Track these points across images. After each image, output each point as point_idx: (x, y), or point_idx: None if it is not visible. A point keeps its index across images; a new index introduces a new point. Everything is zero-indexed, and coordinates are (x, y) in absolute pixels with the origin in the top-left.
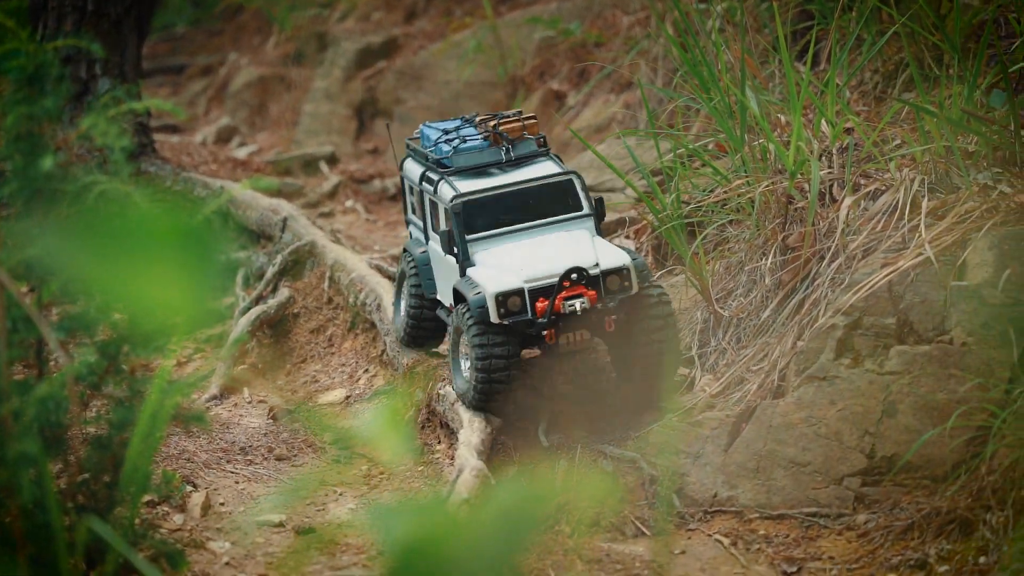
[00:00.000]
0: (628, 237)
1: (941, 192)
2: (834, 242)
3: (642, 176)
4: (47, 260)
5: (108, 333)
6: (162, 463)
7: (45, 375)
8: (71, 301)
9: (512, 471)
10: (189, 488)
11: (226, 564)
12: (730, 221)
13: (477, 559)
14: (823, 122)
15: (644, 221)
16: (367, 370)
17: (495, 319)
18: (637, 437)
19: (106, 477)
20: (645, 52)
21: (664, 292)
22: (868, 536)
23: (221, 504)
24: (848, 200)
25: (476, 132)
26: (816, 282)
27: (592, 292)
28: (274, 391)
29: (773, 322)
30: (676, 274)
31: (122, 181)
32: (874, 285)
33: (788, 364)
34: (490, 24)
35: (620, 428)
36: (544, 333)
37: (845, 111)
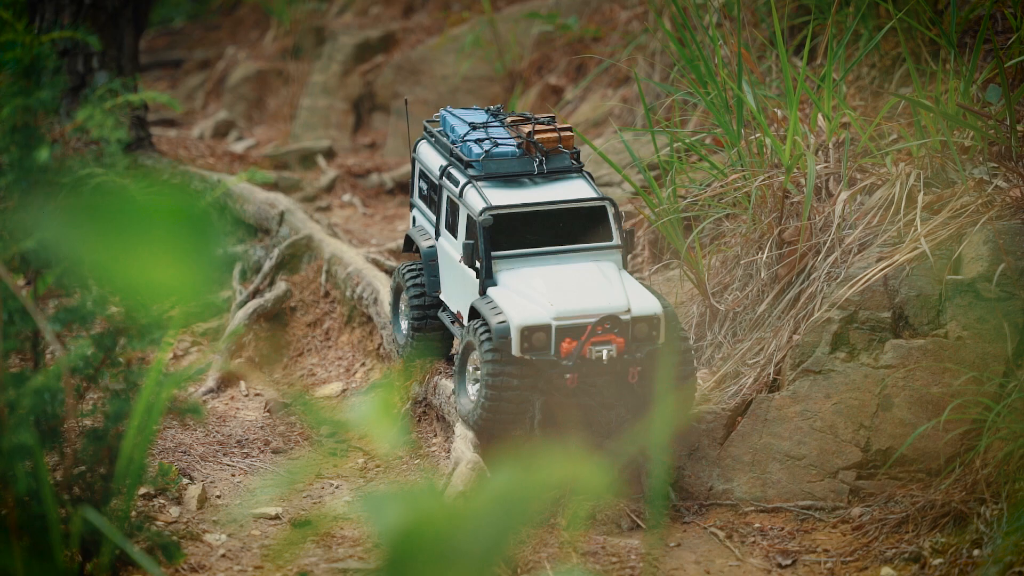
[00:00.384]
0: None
1: (937, 187)
2: (830, 236)
3: (639, 171)
4: (43, 251)
5: (105, 325)
6: (158, 456)
7: (41, 367)
8: (67, 293)
9: (507, 462)
10: (185, 481)
11: (222, 556)
12: (726, 215)
13: (471, 548)
14: (819, 117)
15: (641, 215)
16: (364, 364)
17: (517, 352)
18: (633, 431)
19: (102, 469)
20: (642, 47)
21: (690, 346)
22: (863, 529)
23: (217, 497)
24: (844, 194)
25: (507, 133)
26: (812, 276)
27: (621, 340)
28: (271, 384)
29: (769, 316)
30: (672, 268)
31: (118, 174)
32: (870, 279)
33: (784, 358)
34: (488, 19)
35: (616, 421)
36: (567, 376)
37: (841, 106)
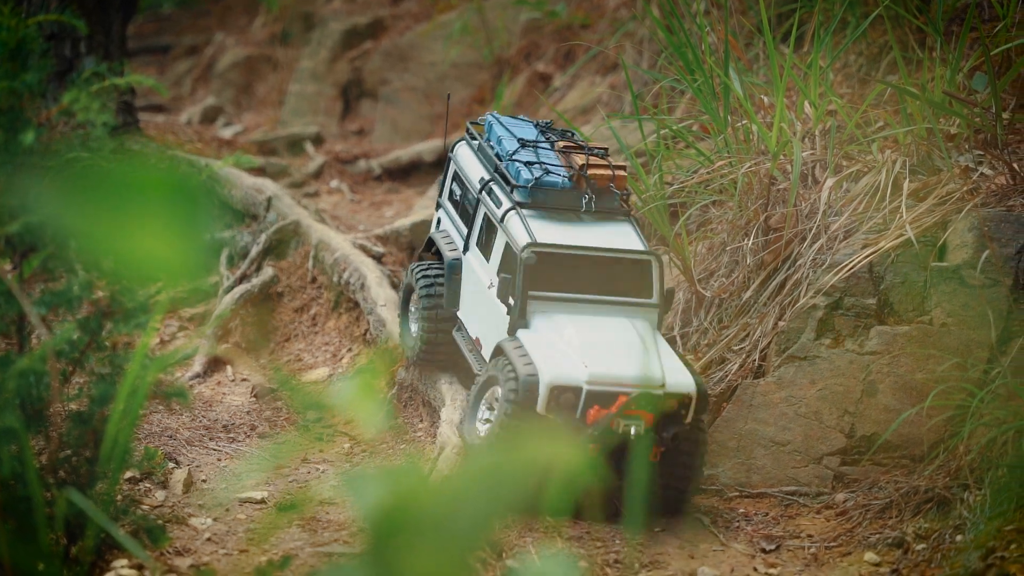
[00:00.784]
0: None
1: (923, 174)
2: (816, 223)
3: (626, 157)
4: (29, 234)
5: (91, 309)
6: (145, 440)
7: (26, 350)
8: (53, 277)
9: (490, 444)
10: (171, 465)
11: (207, 540)
12: (713, 202)
13: (455, 528)
14: (806, 104)
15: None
16: (350, 349)
17: (541, 410)
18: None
19: (87, 452)
20: (631, 34)
21: (704, 425)
22: (847, 514)
23: (203, 481)
24: (830, 181)
25: (557, 159)
26: (797, 263)
27: (650, 416)
28: (257, 370)
29: (754, 302)
30: (659, 254)
31: (104, 158)
32: (855, 266)
33: (769, 344)
34: (476, 5)
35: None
36: (590, 447)
37: (828, 93)
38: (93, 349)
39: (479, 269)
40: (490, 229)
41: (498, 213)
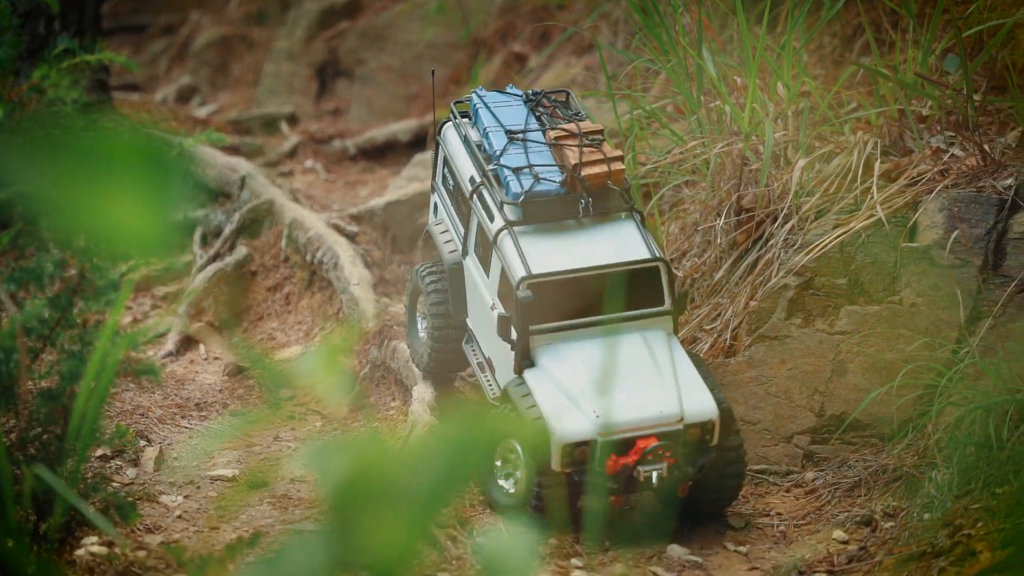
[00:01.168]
0: None
1: (894, 155)
2: (787, 203)
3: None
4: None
5: (61, 286)
6: (116, 418)
7: None
8: (22, 255)
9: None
10: (143, 443)
11: (178, 517)
12: (685, 182)
13: (416, 494)
14: (779, 85)
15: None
16: (323, 328)
17: (556, 467)
18: None
19: (56, 429)
20: (606, 15)
21: (741, 445)
22: (816, 493)
23: (175, 459)
24: (802, 162)
25: (549, 154)
26: (769, 243)
27: (672, 459)
28: (230, 348)
29: (726, 282)
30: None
31: (75, 135)
32: (826, 246)
33: (740, 324)
34: None
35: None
36: (611, 499)
37: (801, 74)
38: (63, 326)
39: (481, 283)
40: (485, 241)
41: (491, 230)
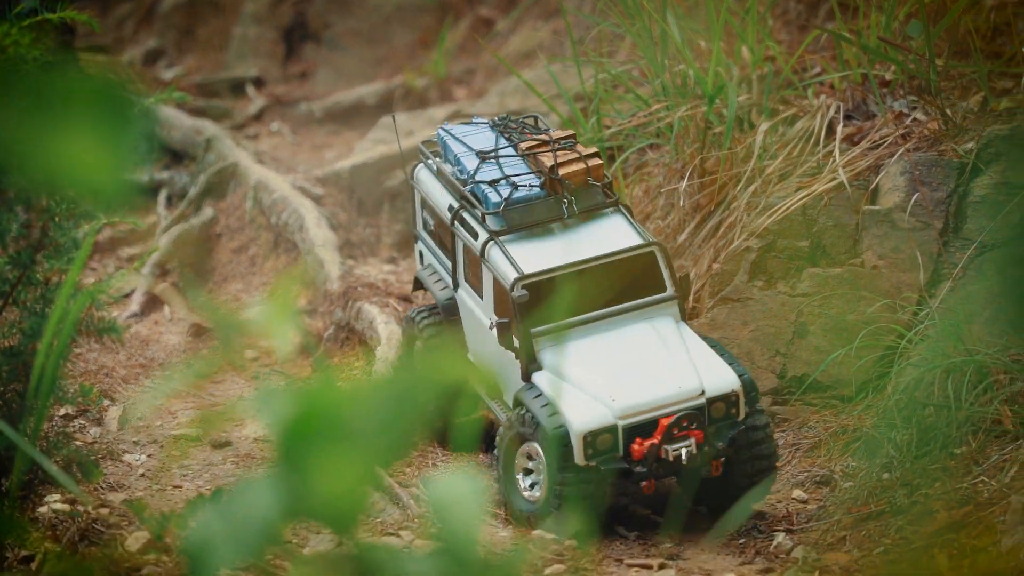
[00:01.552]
0: None
1: (857, 119)
2: (751, 166)
3: (565, 101)
4: None
5: (22, 243)
6: (80, 377)
7: None
8: None
9: (411, 360)
10: (107, 402)
11: (141, 476)
12: (649, 145)
13: (364, 437)
14: (743, 49)
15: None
16: (289, 290)
17: (580, 461)
18: None
19: (18, 386)
20: None
21: (769, 420)
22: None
23: (139, 418)
24: (765, 125)
25: (523, 163)
26: (732, 205)
27: (699, 432)
28: (193, 307)
29: (689, 244)
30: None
31: (36, 88)
32: (788, 209)
33: (703, 286)
34: None
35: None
36: (643, 484)
37: (765, 39)
38: (25, 284)
39: (476, 308)
40: (474, 263)
41: (477, 247)
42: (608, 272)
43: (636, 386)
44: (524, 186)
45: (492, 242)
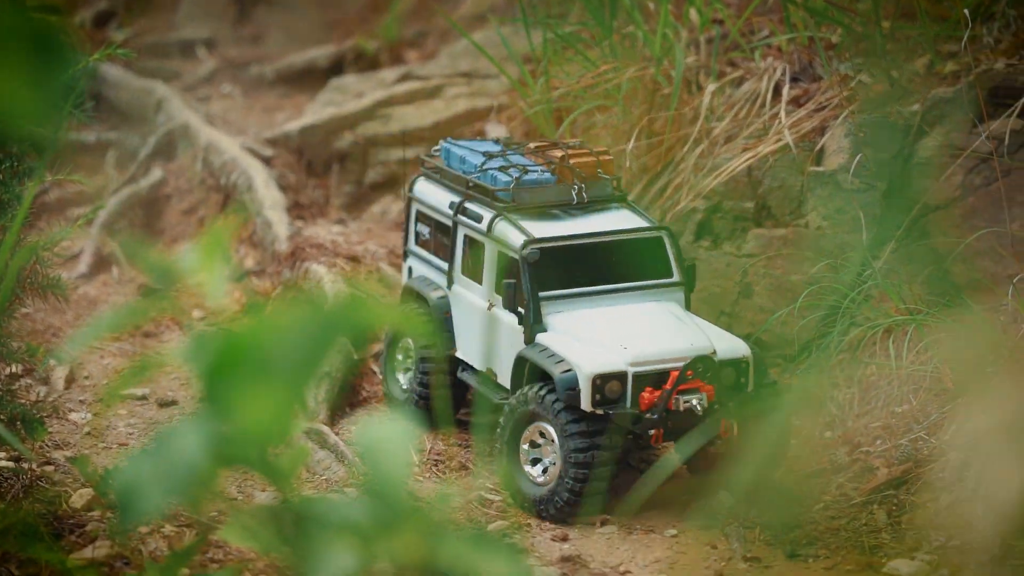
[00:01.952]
0: (500, 123)
1: (804, 81)
2: (697, 128)
3: (515, 63)
4: None
5: None
6: (27, 337)
7: None
8: None
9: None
10: (53, 362)
11: (87, 434)
12: (598, 107)
13: (285, 367)
14: (692, 11)
15: (515, 107)
16: (238, 251)
17: (587, 406)
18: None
19: None
20: None
21: (781, 393)
22: None
23: (85, 378)
24: (712, 87)
25: (531, 161)
26: (679, 167)
27: (710, 387)
28: (130, 258)
29: (637, 206)
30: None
31: None
32: (734, 170)
33: None
34: None
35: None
36: (651, 433)
37: (713, 1)
38: None
39: (471, 297)
40: (475, 248)
41: (482, 225)
42: (616, 251)
43: (648, 340)
44: (535, 171)
45: (500, 216)
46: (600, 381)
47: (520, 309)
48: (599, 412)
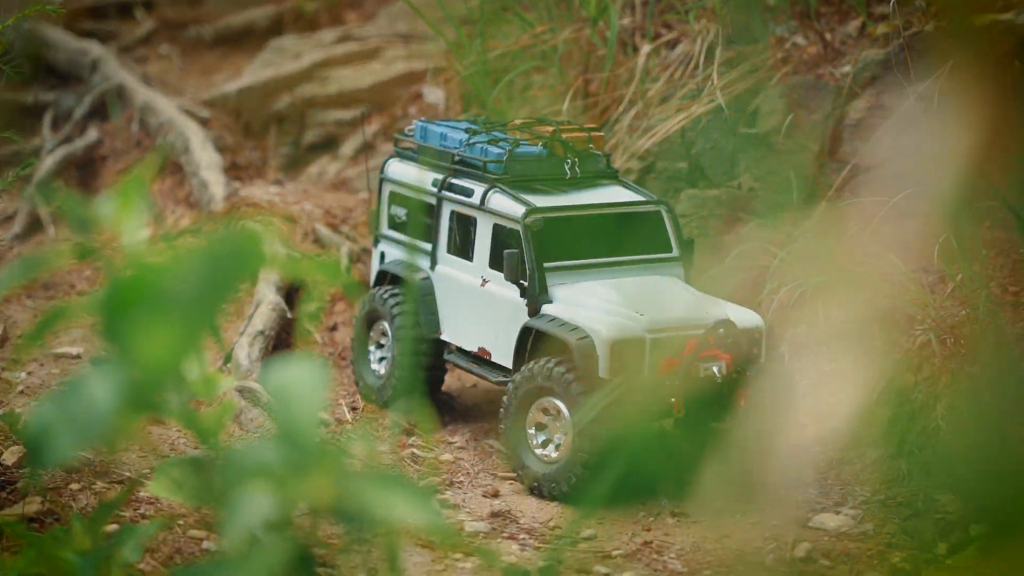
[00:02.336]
0: (437, 86)
1: (738, 43)
2: (632, 89)
3: (452, 25)
4: None
5: None
6: None
7: None
8: None
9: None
10: None
11: (20, 392)
12: (534, 68)
13: (183, 302)
14: None
15: (452, 69)
16: (174, 211)
17: (604, 374)
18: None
19: None
20: None
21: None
22: None
23: (19, 337)
24: (647, 48)
25: (519, 137)
26: (614, 128)
27: (728, 355)
28: (90, 236)
29: None
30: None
31: None
32: (668, 131)
33: None
34: None
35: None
36: (672, 400)
37: None
38: None
39: (460, 275)
40: (464, 225)
41: (474, 200)
42: (616, 224)
43: (663, 307)
44: (525, 144)
45: (494, 188)
46: (618, 347)
47: (523, 281)
48: (616, 381)
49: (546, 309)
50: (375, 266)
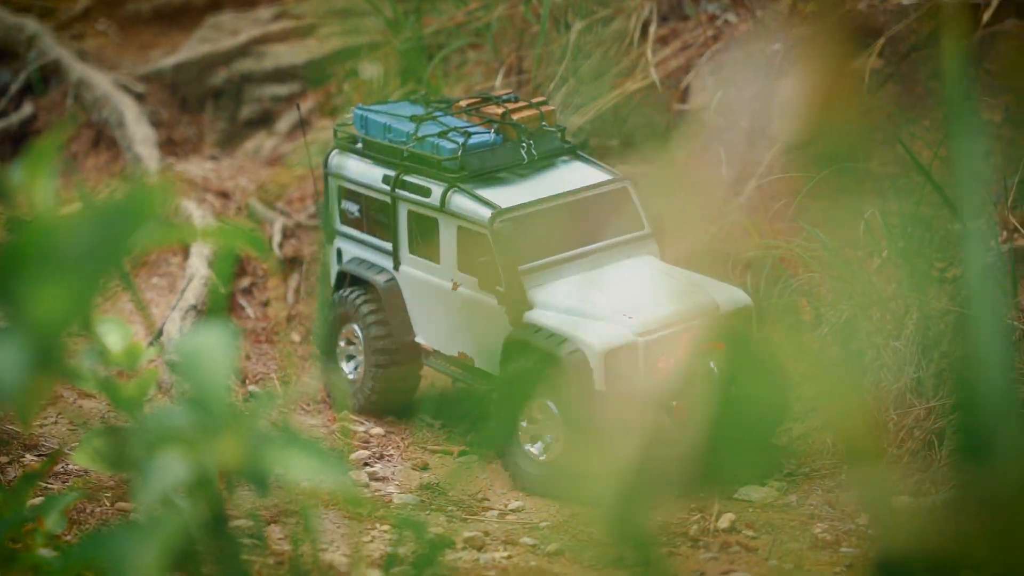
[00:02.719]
0: (373, 62)
1: (671, 20)
2: (565, 65)
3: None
4: None
5: None
6: None
7: None
8: None
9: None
10: None
11: None
12: (469, 44)
13: (80, 263)
14: None
15: (388, 45)
16: (108, 185)
17: (601, 387)
18: None
19: None
20: None
21: (780, 364)
22: None
23: None
24: (580, 25)
25: (467, 122)
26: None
27: (722, 344)
28: (10, 206)
29: None
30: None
31: None
32: (601, 108)
33: None
34: None
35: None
36: (673, 404)
37: None
38: None
39: (428, 277)
40: (424, 226)
41: (433, 200)
42: (585, 209)
43: (649, 304)
44: (477, 134)
45: (454, 189)
46: (612, 357)
47: (499, 287)
48: (613, 391)
49: (529, 316)
50: (333, 265)
